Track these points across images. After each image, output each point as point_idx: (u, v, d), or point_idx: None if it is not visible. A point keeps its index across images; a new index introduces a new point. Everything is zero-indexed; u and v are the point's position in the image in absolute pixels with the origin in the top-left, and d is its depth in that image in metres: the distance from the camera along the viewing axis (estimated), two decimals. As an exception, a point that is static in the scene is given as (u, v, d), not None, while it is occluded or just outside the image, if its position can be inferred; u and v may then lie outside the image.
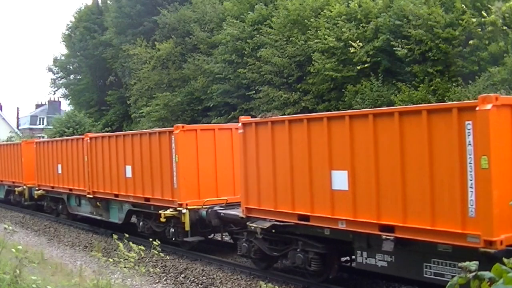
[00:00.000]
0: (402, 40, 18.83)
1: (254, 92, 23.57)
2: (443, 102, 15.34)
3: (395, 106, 13.75)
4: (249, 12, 25.46)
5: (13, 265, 9.00)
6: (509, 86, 15.69)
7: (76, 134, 31.25)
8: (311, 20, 21.89)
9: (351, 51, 19.80)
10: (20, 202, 24.97)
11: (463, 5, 18.24)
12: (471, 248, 7.41)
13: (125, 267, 8.99)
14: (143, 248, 9.36)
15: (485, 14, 17.46)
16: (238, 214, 12.05)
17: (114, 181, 16.51)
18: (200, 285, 11.61)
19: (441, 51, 18.19)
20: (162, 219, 13.85)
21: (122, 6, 34.97)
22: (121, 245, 9.25)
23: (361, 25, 20.39)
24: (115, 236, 10.77)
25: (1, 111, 68.07)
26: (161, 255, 10.27)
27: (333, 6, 21.38)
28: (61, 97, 52.01)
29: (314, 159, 9.92)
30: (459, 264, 2.56)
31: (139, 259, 10.37)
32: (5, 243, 12.02)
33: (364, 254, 9.29)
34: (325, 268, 10.35)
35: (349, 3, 21.11)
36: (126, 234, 11.26)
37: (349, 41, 19.89)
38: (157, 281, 12.12)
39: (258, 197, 11.26)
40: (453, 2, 18.56)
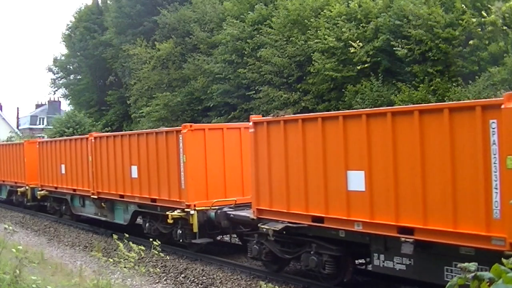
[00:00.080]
0: (402, 40, 18.83)
1: (254, 92, 23.58)
2: (443, 102, 15.31)
3: (415, 105, 13.36)
4: (249, 12, 25.46)
5: (13, 265, 8.99)
6: (509, 86, 15.68)
7: (76, 134, 31.24)
8: (311, 20, 21.89)
9: (351, 51, 19.81)
10: (23, 203, 24.70)
11: (463, 5, 18.24)
12: (496, 251, 7.16)
13: (125, 267, 8.98)
14: (143, 248, 9.36)
15: (485, 14, 17.46)
16: (249, 215, 11.75)
17: (120, 182, 16.26)
18: (200, 285, 11.61)
19: (441, 51, 18.19)
20: (170, 221, 13.56)
21: (122, 6, 34.97)
22: (121, 245, 9.25)
23: (361, 25, 20.40)
24: (115, 236, 10.76)
25: (1, 111, 68.01)
26: (161, 255, 10.25)
27: (333, 6, 21.38)
28: (61, 97, 52.12)
29: (329, 159, 9.67)
30: (458, 265, 2.56)
31: (139, 259, 10.36)
32: (5, 243, 12.04)
33: (381, 257, 9.03)
34: (340, 271, 10.08)
35: (349, 3, 21.11)
36: (126, 234, 11.26)
37: (349, 41, 19.90)
38: (157, 281, 12.12)
39: (270, 198, 10.98)
40: (453, 2, 18.56)
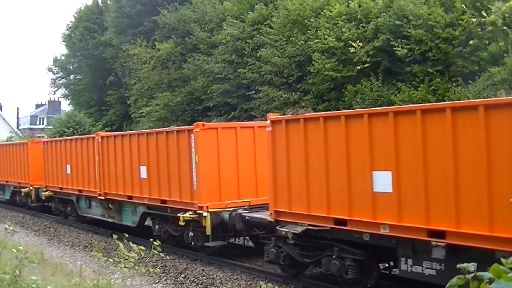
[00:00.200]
0: (402, 40, 18.84)
1: (254, 92, 23.58)
2: (443, 102, 15.28)
3: (449, 101, 12.56)
4: (249, 12, 25.47)
5: (13, 265, 8.99)
6: (509, 86, 15.69)
7: (76, 134, 31.23)
8: (311, 20, 21.89)
9: (351, 51, 19.81)
10: (27, 204, 24.24)
11: (463, 5, 18.25)
12: None
13: (125, 267, 8.98)
14: (143, 248, 9.36)
15: (485, 14, 17.47)
16: (266, 217, 11.28)
17: (128, 182, 15.79)
18: (200, 285, 11.61)
19: (441, 51, 18.19)
20: (181, 223, 13.09)
21: (122, 6, 34.98)
22: (121, 245, 9.24)
23: (361, 25, 20.40)
24: (115, 236, 10.77)
25: (1, 111, 68.02)
26: (161, 255, 10.24)
27: (333, 6, 21.39)
28: (61, 97, 52.14)
29: (353, 159, 9.25)
30: (458, 265, 2.56)
31: (139, 259, 10.37)
32: (6, 243, 12.05)
33: (409, 261, 8.64)
34: (363, 276, 9.69)
35: (349, 3, 21.11)
36: (126, 234, 11.26)
37: (349, 41, 19.90)
38: (157, 281, 12.12)
39: (289, 200, 10.53)
40: (453, 2, 18.56)
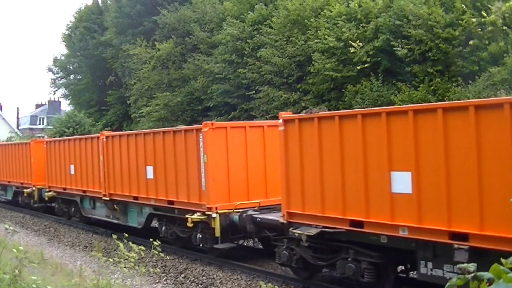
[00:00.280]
0: (402, 40, 18.83)
1: (254, 92, 23.58)
2: (443, 102, 15.27)
3: (470, 99, 12.06)
4: (249, 12, 25.47)
5: (13, 265, 8.99)
6: (509, 86, 15.69)
7: (76, 134, 31.22)
8: (311, 20, 21.89)
9: (351, 51, 19.80)
10: (29, 204, 23.83)
11: (463, 5, 18.24)
12: None
13: (125, 267, 8.98)
14: (143, 248, 9.36)
15: (485, 14, 17.46)
16: (278, 219, 11.01)
17: (134, 183, 15.48)
18: (200, 285, 11.61)
19: (441, 51, 18.19)
20: (189, 224, 12.84)
21: (122, 6, 34.98)
22: (121, 245, 9.24)
23: (361, 25, 20.40)
24: (114, 236, 10.77)
25: (1, 111, 68.01)
26: (161, 255, 10.24)
27: (333, 6, 21.38)
28: (61, 97, 52.11)
29: (370, 159, 8.99)
30: (458, 265, 2.56)
31: (139, 259, 10.36)
32: (6, 243, 12.05)
33: (429, 264, 8.34)
34: (380, 279, 9.46)
35: (349, 3, 21.11)
36: (126, 234, 11.26)
37: (349, 41, 19.90)
38: (157, 281, 12.12)
39: (302, 201, 10.27)
40: (453, 2, 18.56)
